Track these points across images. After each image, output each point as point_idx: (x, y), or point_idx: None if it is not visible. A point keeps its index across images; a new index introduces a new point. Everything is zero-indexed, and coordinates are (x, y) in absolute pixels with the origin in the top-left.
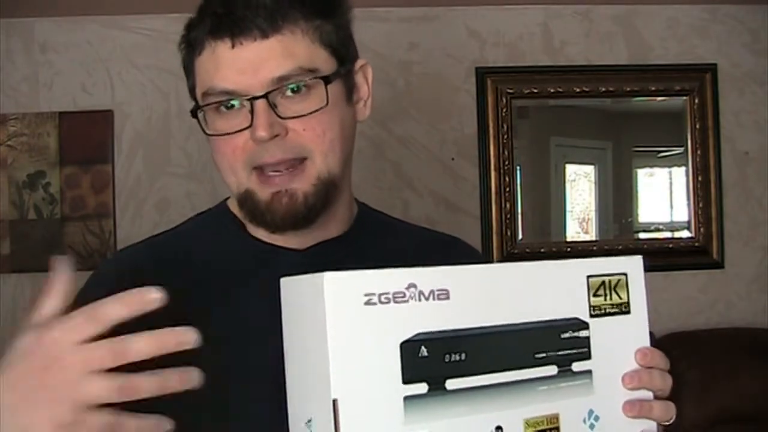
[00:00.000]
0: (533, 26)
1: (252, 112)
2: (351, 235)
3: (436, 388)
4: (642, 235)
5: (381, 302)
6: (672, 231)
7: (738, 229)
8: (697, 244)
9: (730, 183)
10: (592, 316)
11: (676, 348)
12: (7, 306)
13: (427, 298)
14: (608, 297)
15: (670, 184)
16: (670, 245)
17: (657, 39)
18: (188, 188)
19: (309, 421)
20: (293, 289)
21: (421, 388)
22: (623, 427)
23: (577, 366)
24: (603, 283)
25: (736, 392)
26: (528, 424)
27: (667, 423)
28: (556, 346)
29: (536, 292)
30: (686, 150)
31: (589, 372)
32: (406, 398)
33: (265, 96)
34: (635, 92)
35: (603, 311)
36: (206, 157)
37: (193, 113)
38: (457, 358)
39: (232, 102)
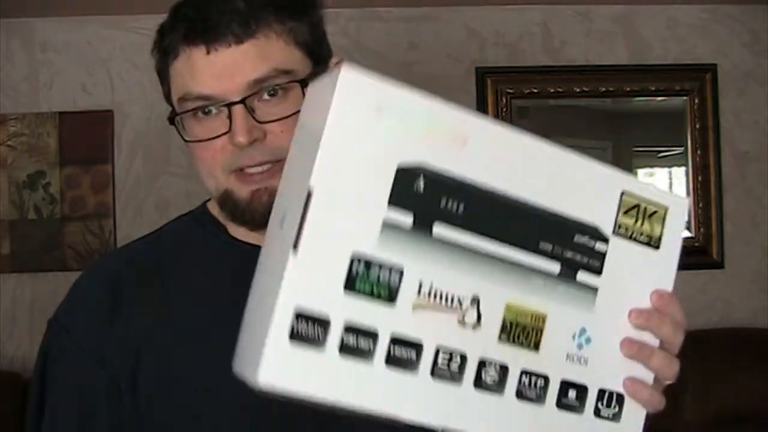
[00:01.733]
0: (533, 26)
1: (230, 117)
2: None
3: (422, 226)
4: None
5: (392, 118)
6: None
7: (738, 229)
8: (697, 244)
9: (730, 183)
10: (615, 233)
11: None
12: (7, 306)
13: (442, 135)
14: (640, 222)
15: (670, 184)
16: None
17: (657, 39)
18: (188, 188)
19: (283, 218)
20: (314, 85)
21: (406, 219)
22: (614, 364)
23: (582, 276)
24: (637, 206)
25: (736, 392)
26: (510, 309)
27: (666, 381)
28: (565, 244)
29: (563, 181)
30: (686, 150)
31: (595, 289)
32: (387, 222)
33: (243, 101)
34: (635, 92)
35: (629, 234)
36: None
37: (171, 120)
38: (454, 207)
39: (210, 108)
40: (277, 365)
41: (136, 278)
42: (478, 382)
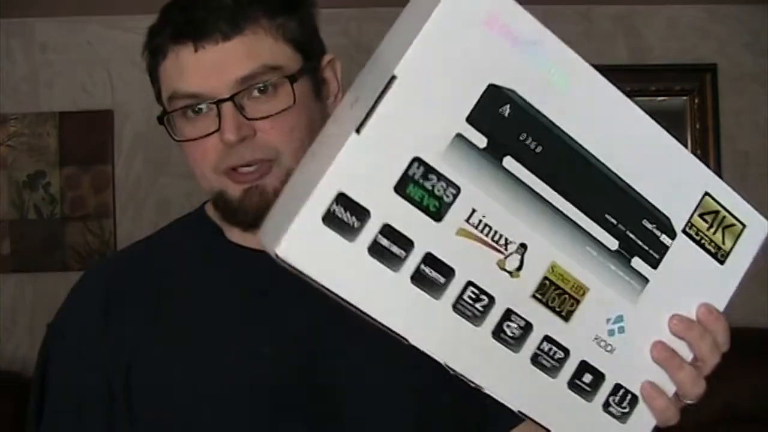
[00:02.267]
0: None
1: (219, 115)
2: None
3: (493, 153)
4: None
5: (499, 36)
6: None
7: None
8: None
9: (730, 183)
10: (684, 231)
11: None
12: (7, 306)
13: (547, 71)
14: (713, 229)
15: None
16: None
17: (657, 39)
18: (188, 188)
19: (355, 100)
20: (405, 14)
21: (479, 139)
22: (640, 363)
23: (637, 263)
24: (716, 212)
25: (736, 392)
26: (554, 268)
27: (687, 401)
28: (631, 225)
29: (650, 159)
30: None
31: (646, 280)
32: (459, 136)
33: (231, 98)
34: (635, 92)
35: (698, 238)
36: None
37: (160, 120)
38: (533, 145)
39: (199, 106)
40: (301, 240)
41: (132, 283)
42: (497, 332)
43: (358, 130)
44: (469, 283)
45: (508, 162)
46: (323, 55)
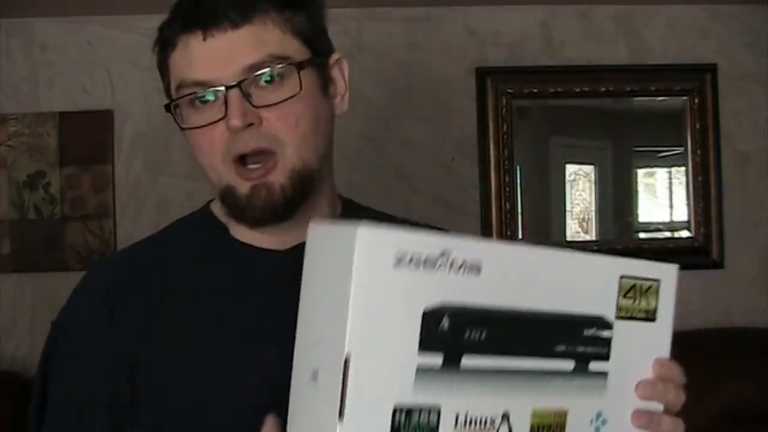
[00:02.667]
0: (533, 26)
1: (226, 102)
2: None
3: (451, 363)
4: (642, 235)
5: (411, 266)
6: (672, 231)
7: (738, 229)
8: (697, 244)
9: (730, 183)
10: (618, 317)
11: (676, 348)
12: (7, 306)
13: (458, 270)
14: (637, 301)
15: (670, 184)
16: (670, 245)
17: (657, 39)
18: (188, 188)
19: (315, 373)
20: (322, 235)
21: (436, 360)
22: None
23: (594, 366)
24: (635, 286)
25: (736, 392)
26: (536, 414)
27: None
28: (577, 341)
29: (567, 282)
30: (686, 150)
31: (605, 374)
32: (420, 368)
33: (238, 85)
34: (635, 92)
35: (629, 315)
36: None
37: (167, 108)
38: (478, 336)
39: (207, 97)
40: None
41: (136, 282)
42: None
43: (341, 417)
44: None
45: (466, 360)
46: (331, 54)
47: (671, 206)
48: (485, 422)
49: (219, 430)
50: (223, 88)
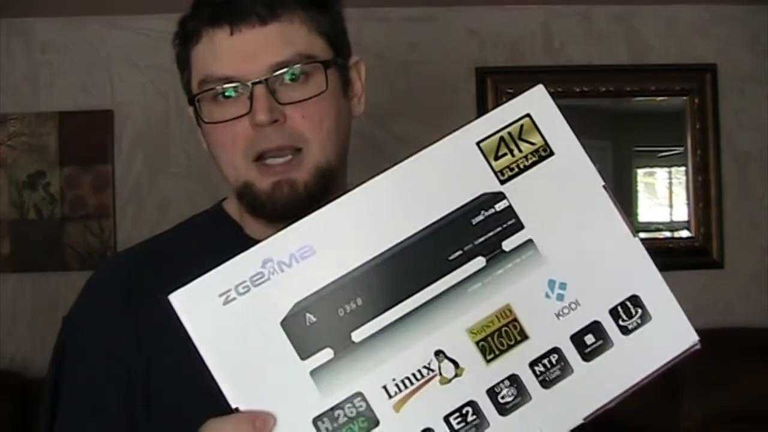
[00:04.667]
0: (533, 26)
1: (251, 98)
2: None
3: (343, 346)
4: (642, 235)
5: (241, 294)
6: (672, 231)
7: (738, 229)
8: (697, 244)
9: (730, 183)
10: (502, 181)
11: None
12: (7, 306)
13: (289, 265)
14: (516, 151)
15: (670, 183)
16: (670, 245)
17: (657, 39)
18: (188, 188)
19: None
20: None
21: (326, 354)
22: (606, 277)
23: (508, 243)
24: (501, 139)
25: (735, 392)
26: (473, 331)
27: None
28: (470, 236)
29: (420, 190)
30: (686, 150)
31: (530, 242)
32: (313, 372)
33: (265, 81)
34: (635, 92)
35: (516, 169)
36: (206, 157)
37: (191, 101)
38: (353, 306)
39: (230, 92)
40: None
41: (150, 277)
42: (502, 409)
43: None
44: (447, 418)
45: (356, 335)
46: (350, 56)
47: (671, 206)
48: (420, 374)
49: None
50: (248, 84)
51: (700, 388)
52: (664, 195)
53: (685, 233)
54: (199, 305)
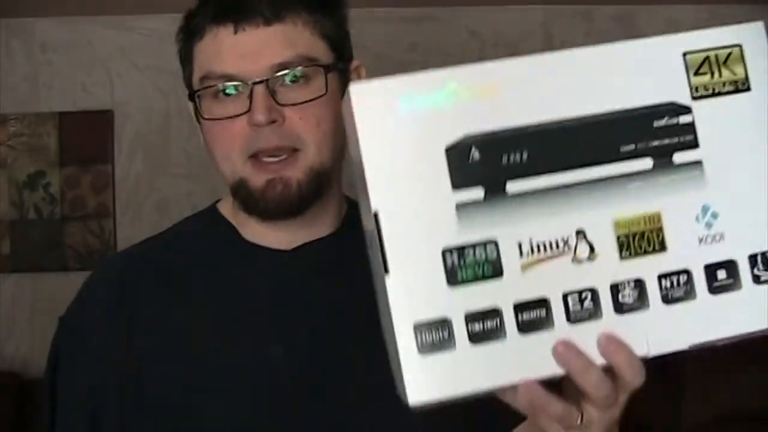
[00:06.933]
0: (533, 26)
1: (251, 97)
2: (339, 234)
3: (495, 192)
4: None
5: (418, 107)
6: None
7: None
8: None
9: None
10: (694, 98)
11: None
12: (7, 306)
13: (470, 98)
14: (717, 74)
15: None
16: None
17: None
18: (188, 188)
19: (370, 242)
20: (345, 103)
21: (476, 193)
22: (754, 222)
23: (679, 157)
24: (707, 58)
25: (736, 392)
26: (619, 224)
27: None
28: (647, 136)
29: (613, 78)
30: None
31: (699, 163)
32: (459, 205)
33: (265, 81)
34: None
35: (710, 91)
36: (206, 157)
37: (191, 97)
38: (518, 158)
39: (230, 90)
40: (419, 383)
41: (144, 279)
42: (618, 307)
43: (387, 272)
44: (565, 296)
45: (511, 186)
46: (351, 60)
47: None
48: (556, 244)
49: (225, 429)
50: (249, 83)
51: (701, 388)
52: None
53: None
54: (375, 102)
